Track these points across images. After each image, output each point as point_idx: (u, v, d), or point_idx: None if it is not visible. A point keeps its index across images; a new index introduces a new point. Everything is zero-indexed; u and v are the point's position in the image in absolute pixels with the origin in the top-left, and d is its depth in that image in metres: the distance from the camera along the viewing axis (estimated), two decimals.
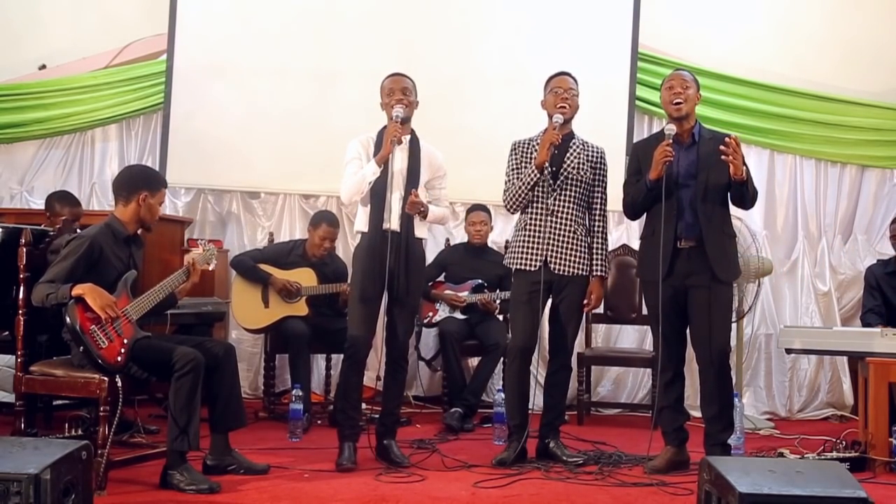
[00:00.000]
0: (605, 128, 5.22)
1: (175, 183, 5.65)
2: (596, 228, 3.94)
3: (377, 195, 3.73)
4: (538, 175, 3.80)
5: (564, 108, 3.82)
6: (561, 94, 3.85)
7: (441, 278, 5.28)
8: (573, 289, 3.87)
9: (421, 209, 3.74)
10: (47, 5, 5.79)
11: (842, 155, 5.81)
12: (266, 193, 5.81)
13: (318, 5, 5.73)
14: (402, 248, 3.72)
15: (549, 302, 3.93)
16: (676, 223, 3.71)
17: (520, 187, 3.85)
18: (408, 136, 3.80)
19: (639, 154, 3.88)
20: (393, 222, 3.73)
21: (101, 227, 3.44)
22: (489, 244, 5.35)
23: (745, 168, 3.60)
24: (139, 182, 3.53)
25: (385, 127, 3.81)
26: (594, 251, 3.92)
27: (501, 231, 5.64)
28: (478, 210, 5.26)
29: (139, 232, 3.59)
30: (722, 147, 3.56)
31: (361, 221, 3.81)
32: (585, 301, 3.91)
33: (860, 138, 5.77)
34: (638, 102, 5.70)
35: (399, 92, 3.78)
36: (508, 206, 3.95)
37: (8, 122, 5.64)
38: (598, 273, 3.92)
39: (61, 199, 4.71)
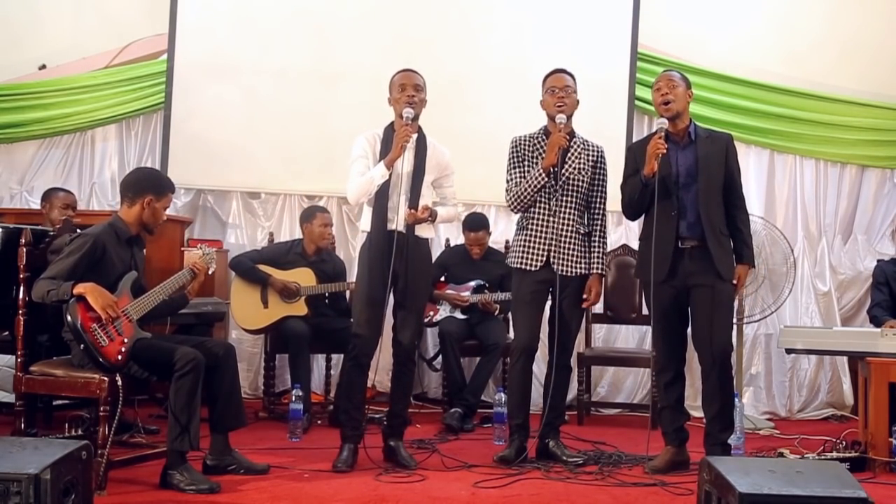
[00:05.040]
0: (604, 128, 5.22)
1: (175, 183, 5.63)
2: (595, 226, 3.94)
3: (380, 196, 3.67)
4: (545, 178, 3.78)
5: (562, 106, 3.81)
6: (557, 92, 3.83)
7: (442, 279, 5.27)
8: (574, 289, 3.87)
9: (429, 219, 3.69)
10: (47, 5, 5.78)
11: (842, 155, 5.81)
12: (266, 193, 5.80)
13: (318, 5, 5.72)
14: (407, 250, 3.66)
15: (549, 302, 3.93)
16: (678, 223, 3.70)
17: (525, 189, 3.83)
18: (415, 135, 3.70)
19: (635, 154, 3.87)
20: (398, 223, 3.67)
21: (104, 227, 3.44)
22: (489, 244, 5.31)
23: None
24: (145, 185, 3.54)
25: (392, 124, 3.77)
26: (593, 249, 3.91)
27: (503, 231, 5.63)
28: (476, 230, 5.14)
29: (141, 233, 3.60)
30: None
31: (366, 221, 3.75)
32: (585, 296, 3.89)
33: (860, 138, 5.77)
34: (637, 102, 5.69)
35: (411, 88, 3.71)
36: (512, 207, 3.93)
37: (8, 122, 5.63)
38: (597, 270, 3.91)
39: (55, 189, 4.97)
